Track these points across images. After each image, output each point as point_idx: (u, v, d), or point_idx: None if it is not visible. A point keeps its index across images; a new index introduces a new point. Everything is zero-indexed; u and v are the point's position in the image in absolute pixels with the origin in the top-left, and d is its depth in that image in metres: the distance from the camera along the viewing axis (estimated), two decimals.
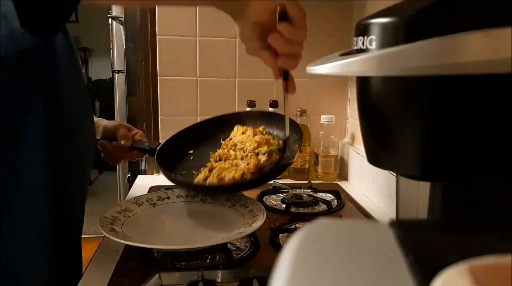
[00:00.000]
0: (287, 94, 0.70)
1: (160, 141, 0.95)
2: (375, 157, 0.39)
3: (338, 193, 1.09)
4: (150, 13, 1.24)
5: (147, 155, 0.94)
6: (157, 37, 1.24)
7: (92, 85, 4.51)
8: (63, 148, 0.69)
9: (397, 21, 0.32)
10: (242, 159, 0.82)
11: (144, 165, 1.33)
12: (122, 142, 0.91)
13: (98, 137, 0.96)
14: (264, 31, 0.61)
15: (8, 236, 0.63)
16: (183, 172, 0.89)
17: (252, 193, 1.01)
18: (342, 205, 1.02)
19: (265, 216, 0.78)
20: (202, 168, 0.86)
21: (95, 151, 0.83)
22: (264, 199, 1.06)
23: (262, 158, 0.81)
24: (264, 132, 0.92)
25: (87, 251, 0.85)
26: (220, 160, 0.86)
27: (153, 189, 1.13)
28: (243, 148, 0.85)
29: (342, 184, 1.22)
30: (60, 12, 0.54)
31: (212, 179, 0.79)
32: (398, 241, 0.24)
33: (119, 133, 0.92)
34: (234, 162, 0.82)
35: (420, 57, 0.29)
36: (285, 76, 0.68)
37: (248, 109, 1.25)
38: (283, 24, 0.60)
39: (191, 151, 0.94)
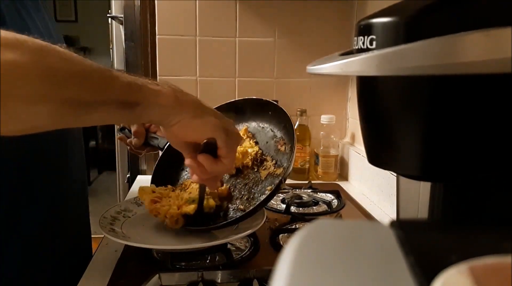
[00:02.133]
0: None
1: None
2: (376, 157, 0.39)
3: (338, 193, 1.09)
4: (150, 13, 1.24)
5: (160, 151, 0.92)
6: (156, 36, 1.24)
7: None
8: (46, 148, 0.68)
9: (398, 21, 0.32)
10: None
11: (144, 165, 1.33)
12: (134, 141, 0.91)
13: (119, 127, 0.95)
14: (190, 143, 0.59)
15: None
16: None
17: None
18: (342, 205, 1.02)
19: (265, 216, 0.78)
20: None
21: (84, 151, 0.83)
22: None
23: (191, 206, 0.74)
24: (245, 136, 0.85)
25: None
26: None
27: None
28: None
29: (343, 184, 1.22)
30: None
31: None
32: (398, 242, 0.24)
33: (133, 129, 0.91)
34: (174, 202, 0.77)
35: (421, 57, 0.29)
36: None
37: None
38: (204, 157, 0.58)
39: None
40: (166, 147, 0.88)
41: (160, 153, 0.90)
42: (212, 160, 0.58)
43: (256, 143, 0.84)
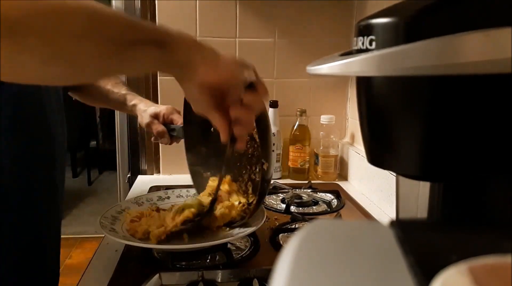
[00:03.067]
0: (232, 150, 0.65)
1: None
2: (375, 157, 0.39)
3: (338, 193, 1.09)
4: (150, 13, 1.24)
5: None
6: None
7: None
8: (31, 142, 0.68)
9: (397, 21, 0.32)
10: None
11: (144, 165, 1.33)
12: (164, 141, 0.93)
13: (143, 125, 0.96)
14: (213, 92, 0.55)
15: None
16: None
17: None
18: (342, 205, 1.02)
19: (265, 216, 0.79)
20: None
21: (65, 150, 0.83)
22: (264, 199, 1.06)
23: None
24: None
25: (88, 251, 0.86)
26: None
27: (153, 189, 1.13)
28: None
29: (342, 184, 1.22)
30: None
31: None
32: (398, 241, 0.24)
33: (154, 131, 0.92)
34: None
35: (420, 57, 0.29)
36: (233, 138, 0.62)
37: None
38: (250, 95, 0.57)
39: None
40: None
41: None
42: (257, 95, 0.59)
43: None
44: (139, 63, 0.50)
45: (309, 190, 1.11)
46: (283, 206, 1.00)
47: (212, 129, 0.88)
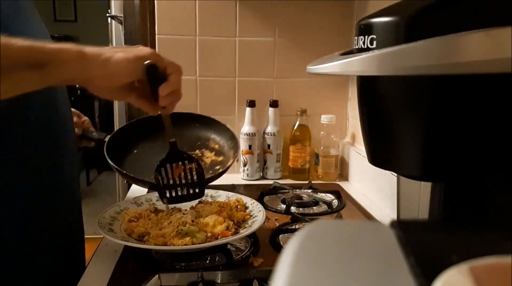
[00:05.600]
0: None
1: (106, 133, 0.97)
2: (376, 157, 0.39)
3: (338, 193, 1.09)
4: (150, 13, 1.24)
5: (93, 143, 0.97)
6: (156, 36, 1.24)
7: None
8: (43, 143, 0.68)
9: (398, 21, 0.31)
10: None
11: None
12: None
13: None
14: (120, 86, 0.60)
15: None
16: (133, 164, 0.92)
17: (252, 194, 1.01)
18: (342, 206, 1.02)
19: (265, 216, 0.78)
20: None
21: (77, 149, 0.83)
22: (264, 199, 1.06)
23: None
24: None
25: (87, 252, 0.85)
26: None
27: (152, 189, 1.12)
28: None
29: (343, 184, 1.22)
30: None
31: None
32: (399, 242, 0.24)
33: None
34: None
35: (421, 56, 0.28)
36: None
37: (248, 109, 1.23)
38: (161, 89, 0.63)
39: (135, 151, 0.97)
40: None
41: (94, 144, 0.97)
42: (165, 86, 0.63)
43: None
44: (20, 87, 0.49)
45: (309, 191, 1.11)
46: (283, 206, 1.00)
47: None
